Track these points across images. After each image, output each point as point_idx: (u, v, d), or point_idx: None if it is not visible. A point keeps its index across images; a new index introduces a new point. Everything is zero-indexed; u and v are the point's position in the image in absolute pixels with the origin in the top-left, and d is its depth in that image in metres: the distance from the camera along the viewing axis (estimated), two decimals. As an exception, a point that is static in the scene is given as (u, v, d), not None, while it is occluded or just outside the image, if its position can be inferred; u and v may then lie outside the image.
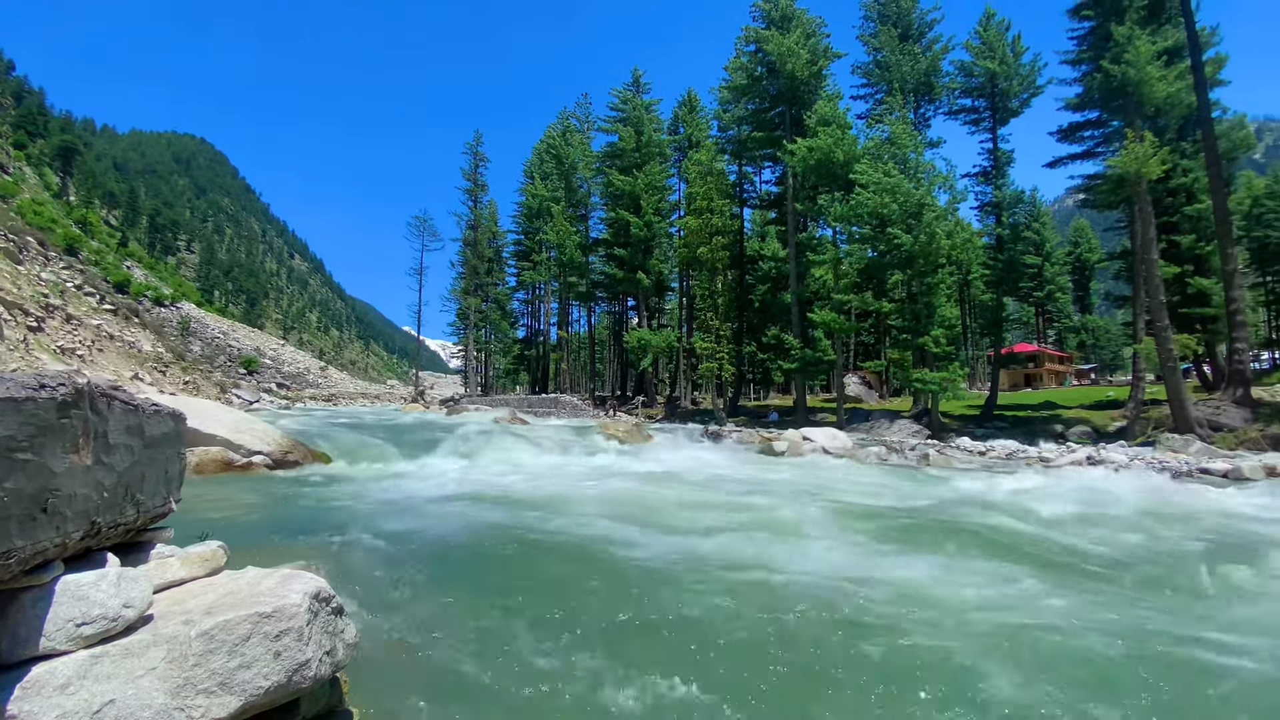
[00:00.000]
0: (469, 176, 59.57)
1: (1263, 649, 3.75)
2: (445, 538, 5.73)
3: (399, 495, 8.13)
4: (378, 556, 4.83)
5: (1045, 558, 5.93)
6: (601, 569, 4.89)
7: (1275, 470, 13.85)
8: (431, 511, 6.98)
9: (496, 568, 4.87)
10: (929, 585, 4.82)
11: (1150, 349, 22.76)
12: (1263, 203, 42.67)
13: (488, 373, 63.97)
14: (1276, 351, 49.13)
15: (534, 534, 5.93)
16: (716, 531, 6.50)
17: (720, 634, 3.73)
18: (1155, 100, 22.17)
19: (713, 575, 4.85)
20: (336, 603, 2.32)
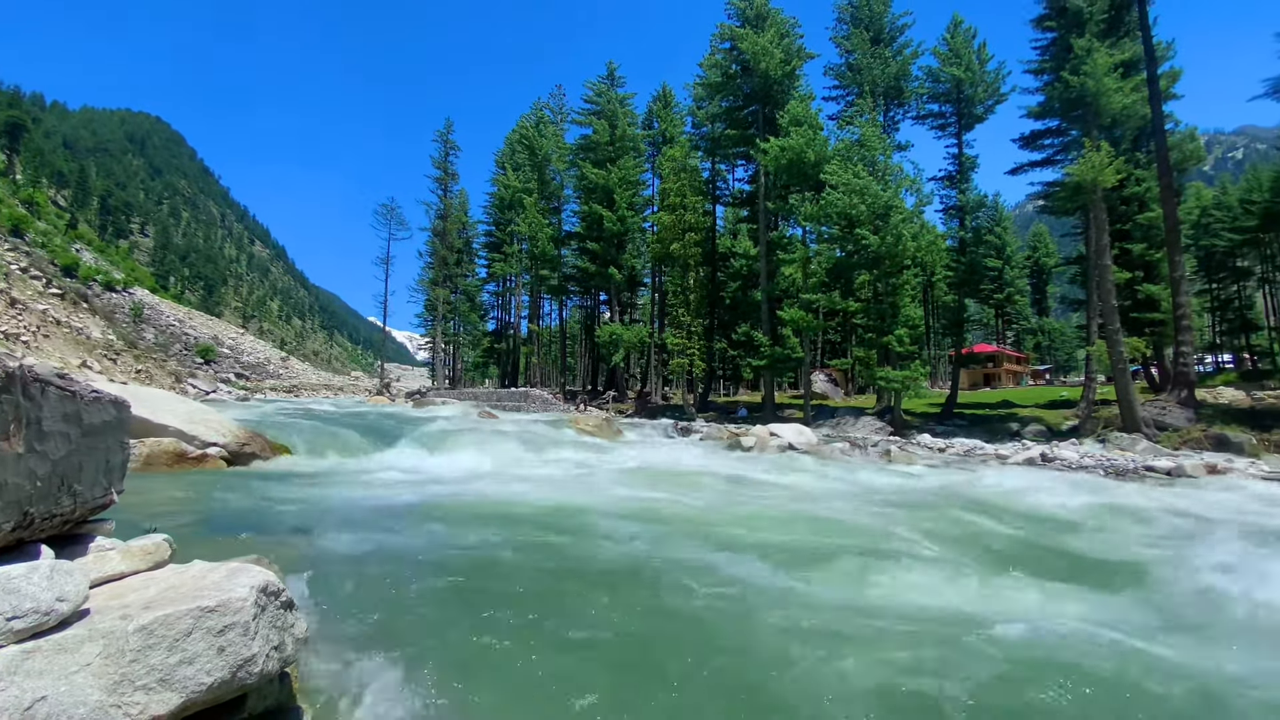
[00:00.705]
0: (439, 165, 58.49)
1: (1185, 642, 3.96)
2: (405, 533, 5.64)
3: (359, 489, 7.98)
4: (335, 551, 4.73)
5: (983, 547, 6.17)
6: (562, 565, 4.88)
7: (1215, 469, 14.58)
8: (392, 506, 6.86)
9: (455, 563, 4.81)
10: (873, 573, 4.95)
11: (1102, 351, 23.66)
12: (1210, 213, 44.74)
13: (456, 366, 63.09)
14: (1219, 355, 51.66)
15: (494, 530, 5.87)
16: (659, 520, 6.56)
17: (664, 620, 3.76)
18: (1112, 111, 22.97)
19: (652, 564, 4.90)
20: (286, 597, 2.26)
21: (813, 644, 3.59)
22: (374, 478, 9.12)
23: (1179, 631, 4.12)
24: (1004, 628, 3.89)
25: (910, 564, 5.35)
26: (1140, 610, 4.56)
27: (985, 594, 4.74)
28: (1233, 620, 4.42)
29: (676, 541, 5.78)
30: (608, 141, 41.11)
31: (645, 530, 6.17)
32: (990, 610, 4.29)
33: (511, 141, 53.58)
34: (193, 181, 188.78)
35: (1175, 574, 5.33)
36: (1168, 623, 4.30)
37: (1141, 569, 5.58)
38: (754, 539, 6.02)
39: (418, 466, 10.63)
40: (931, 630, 3.88)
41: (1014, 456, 16.35)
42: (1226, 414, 20.94)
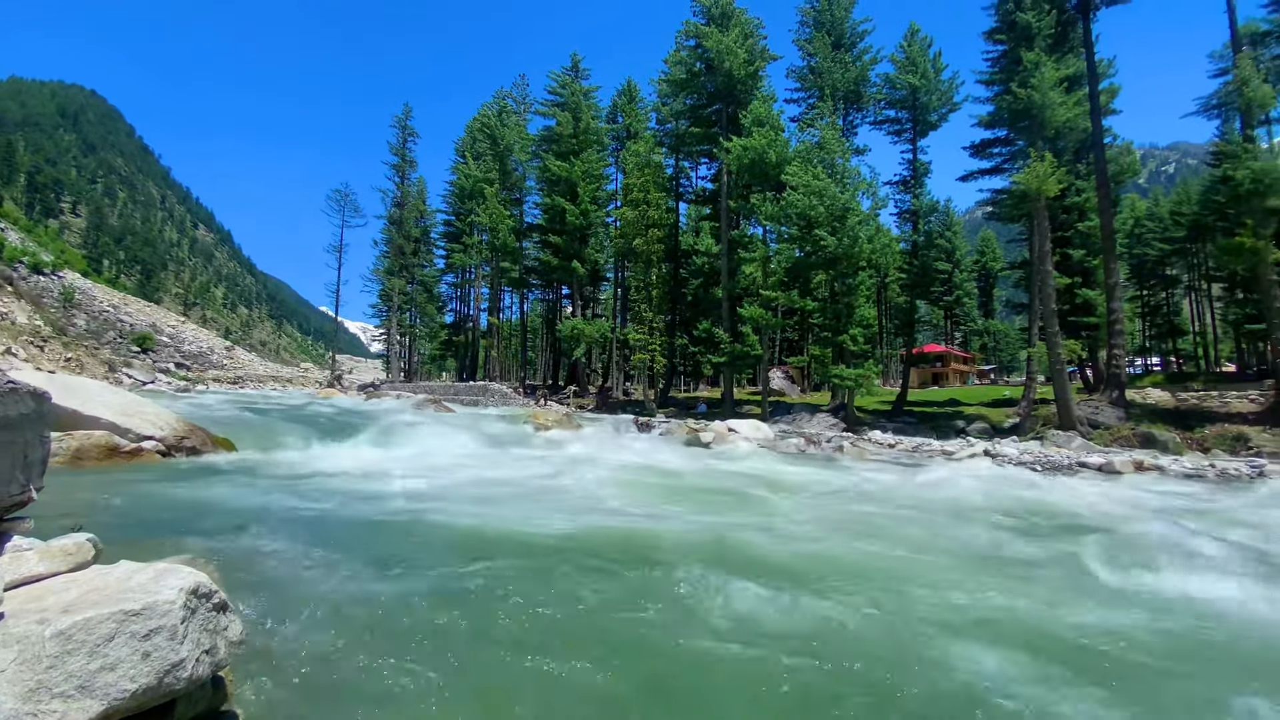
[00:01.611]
0: (396, 151, 56.92)
1: (1113, 620, 4.22)
2: (351, 532, 5.50)
3: (305, 485, 7.74)
4: (275, 550, 4.57)
5: (906, 537, 6.43)
6: (508, 562, 4.83)
7: (1142, 465, 15.49)
8: (338, 503, 6.68)
9: (401, 563, 4.71)
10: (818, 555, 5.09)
11: (1042, 352, 24.80)
12: (1143, 223, 47.34)
13: (412, 358, 61.64)
14: (1148, 358, 54.83)
15: (443, 527, 5.79)
16: (608, 511, 6.60)
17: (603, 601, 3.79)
18: (1056, 123, 24.04)
19: (582, 552, 4.93)
20: (219, 598, 2.17)
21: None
22: (321, 473, 8.85)
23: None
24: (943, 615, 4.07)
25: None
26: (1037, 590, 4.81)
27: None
28: (1125, 596, 4.75)
29: (609, 531, 5.81)
30: (571, 134, 40.75)
31: (581, 524, 6.18)
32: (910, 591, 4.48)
33: (472, 130, 52.53)
34: (130, 160, 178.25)
35: (1079, 561, 5.68)
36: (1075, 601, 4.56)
37: (1038, 558, 5.91)
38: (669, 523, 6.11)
39: (368, 461, 10.37)
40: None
41: (959, 453, 17.02)
42: (1154, 414, 22.28)
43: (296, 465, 9.66)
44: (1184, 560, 5.62)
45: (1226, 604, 4.71)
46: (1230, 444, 19.07)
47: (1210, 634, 4.16)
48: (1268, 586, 5.06)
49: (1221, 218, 32.33)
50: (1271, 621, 4.40)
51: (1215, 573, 5.34)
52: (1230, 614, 4.53)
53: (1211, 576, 5.25)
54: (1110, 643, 3.90)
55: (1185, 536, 6.46)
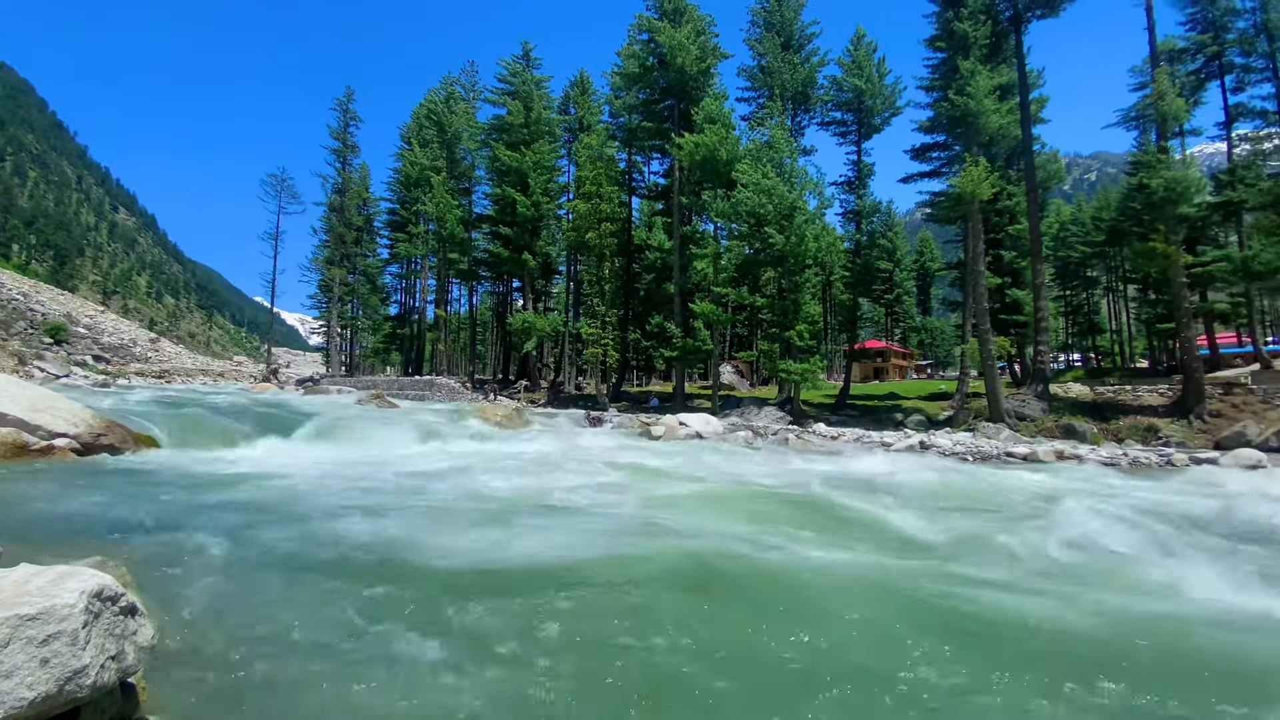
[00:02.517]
0: (337, 136, 54.60)
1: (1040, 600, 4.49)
2: (277, 532, 5.27)
3: (231, 484, 7.37)
4: (194, 552, 4.34)
5: (834, 517, 6.69)
6: (427, 570, 4.71)
7: (1063, 454, 16.52)
8: (265, 503, 6.39)
9: (326, 566, 4.54)
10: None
11: (974, 349, 26.07)
12: (1068, 227, 50.32)
13: (354, 351, 59.46)
14: (1070, 354, 58.46)
15: (374, 528, 5.61)
16: (530, 514, 6.59)
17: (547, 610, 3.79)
18: (989, 130, 25.23)
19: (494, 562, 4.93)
20: (127, 601, 2.05)
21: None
22: (248, 471, 8.45)
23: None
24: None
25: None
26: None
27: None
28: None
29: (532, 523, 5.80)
30: (522, 124, 40.10)
31: (522, 519, 6.13)
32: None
33: (419, 116, 50.96)
34: (42, 137, 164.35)
35: (990, 538, 6.05)
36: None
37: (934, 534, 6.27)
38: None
39: (302, 458, 9.95)
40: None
41: (897, 444, 17.72)
42: (1074, 406, 23.77)
43: (223, 463, 9.17)
44: (1088, 540, 6.05)
45: (1128, 579, 5.09)
46: (1142, 434, 20.56)
47: (1108, 603, 4.47)
48: (1165, 563, 5.50)
49: (1137, 223, 34.74)
50: (1163, 588, 4.79)
51: (1121, 551, 5.76)
52: (1131, 585, 4.90)
53: (1116, 555, 5.66)
54: (1005, 610, 4.15)
55: (1093, 519, 6.94)
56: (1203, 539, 6.35)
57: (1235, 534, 6.86)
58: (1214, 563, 5.55)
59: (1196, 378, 21.59)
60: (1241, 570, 5.34)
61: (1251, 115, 28.27)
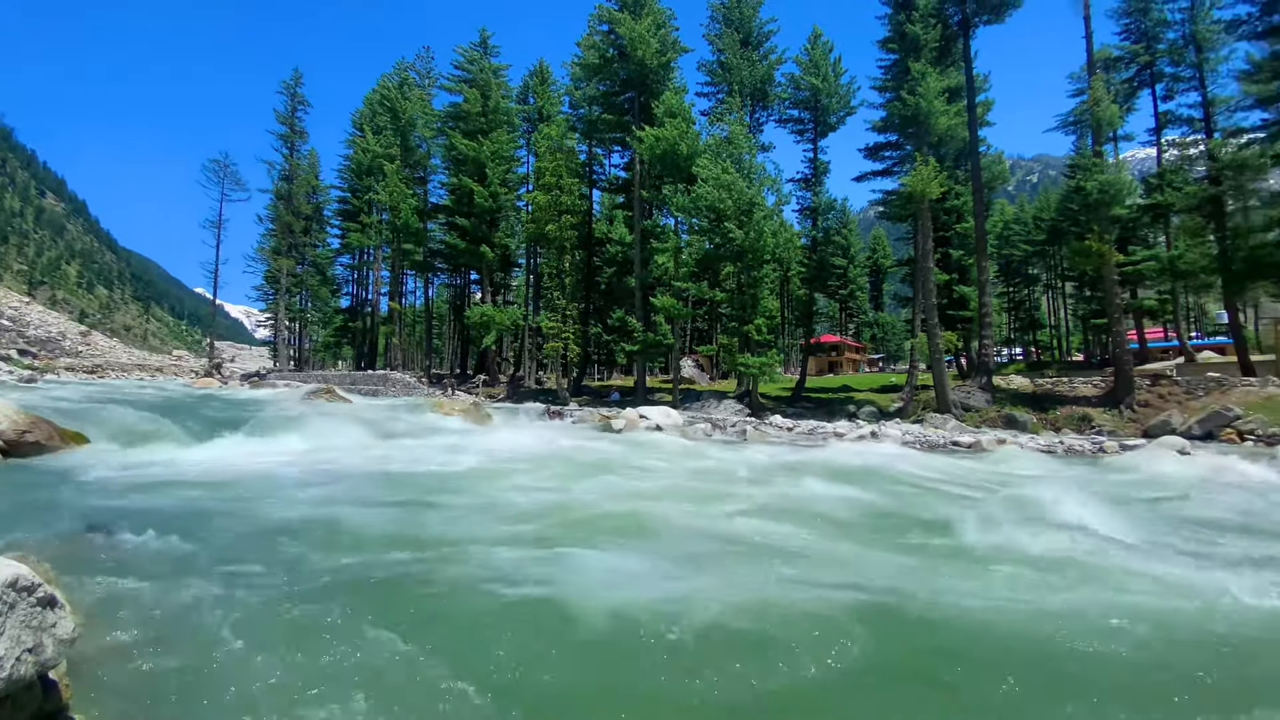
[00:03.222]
0: (285, 120, 52.42)
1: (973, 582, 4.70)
2: (213, 528, 5.10)
3: (164, 482, 7.05)
4: (123, 550, 4.17)
5: (780, 507, 6.88)
6: (378, 556, 4.65)
7: (1004, 442, 17.27)
8: (199, 501, 6.15)
9: (259, 562, 4.42)
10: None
11: (923, 343, 26.97)
12: (1011, 227, 52.48)
13: (303, 345, 57.38)
14: (1012, 348, 61.12)
15: (315, 524, 5.47)
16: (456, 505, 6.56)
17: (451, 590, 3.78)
18: (939, 131, 26.05)
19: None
20: (45, 593, 1.93)
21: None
22: (185, 469, 8.09)
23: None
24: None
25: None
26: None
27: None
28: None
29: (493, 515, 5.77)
30: (480, 112, 39.32)
31: (482, 517, 6.08)
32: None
33: (372, 102, 49.37)
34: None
35: (921, 518, 6.32)
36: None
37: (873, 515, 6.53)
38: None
39: (244, 454, 9.57)
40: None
41: (849, 434, 18.23)
42: (1016, 398, 24.87)
43: (157, 460, 8.74)
44: (1024, 519, 6.38)
45: (1061, 555, 5.39)
46: (1077, 424, 21.68)
47: (1042, 576, 4.73)
48: (1094, 542, 5.85)
49: (1075, 224, 36.56)
50: (1090, 563, 5.10)
51: (1052, 531, 6.09)
52: (1064, 560, 5.19)
53: (1048, 535, 5.98)
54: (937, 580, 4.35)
55: (1031, 501, 7.30)
56: (1122, 518, 6.77)
57: (1154, 513, 7.34)
58: (1130, 537, 5.97)
59: (1126, 370, 22.86)
60: (1159, 543, 5.75)
61: (1179, 122, 30.00)
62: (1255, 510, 7.45)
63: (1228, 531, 6.49)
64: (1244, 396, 20.04)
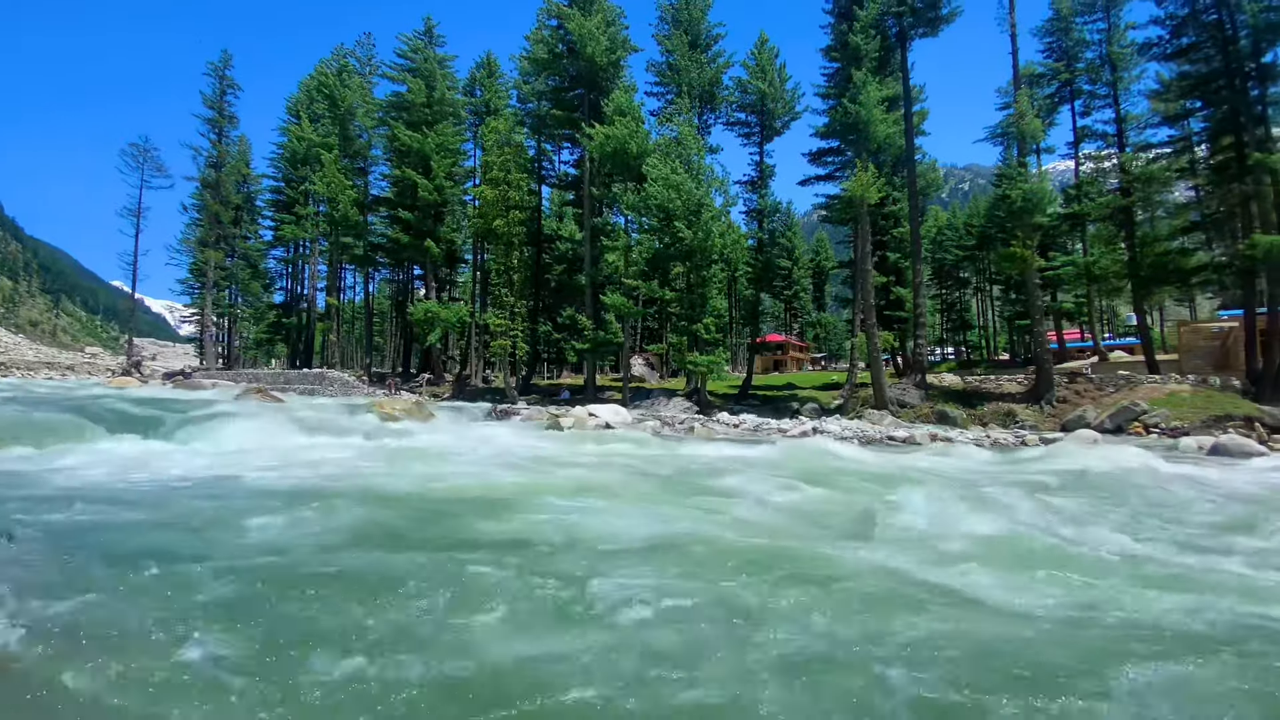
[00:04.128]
0: (212, 104, 49.58)
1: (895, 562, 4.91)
2: (113, 535, 4.78)
3: (59, 487, 6.56)
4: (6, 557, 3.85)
5: (695, 495, 7.04)
6: (256, 568, 4.48)
7: (936, 437, 18.12)
8: (106, 504, 5.78)
9: (158, 565, 4.20)
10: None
11: (862, 342, 27.97)
12: (944, 232, 55.05)
13: (232, 343, 54.37)
14: (945, 348, 64.19)
15: (222, 527, 5.21)
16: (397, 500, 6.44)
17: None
18: (878, 139, 27.01)
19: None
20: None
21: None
22: (86, 473, 7.53)
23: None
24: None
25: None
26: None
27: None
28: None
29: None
30: (424, 103, 38.25)
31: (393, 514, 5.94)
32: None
33: (308, 88, 47.25)
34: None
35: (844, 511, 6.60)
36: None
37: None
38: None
39: (152, 457, 8.97)
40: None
41: (792, 430, 18.74)
42: (947, 395, 26.10)
43: (64, 465, 8.10)
44: (940, 507, 6.74)
45: (985, 537, 5.71)
46: (1003, 419, 22.94)
47: (967, 558, 4.99)
48: (1014, 524, 6.23)
49: (1001, 230, 38.66)
50: (1009, 548, 5.43)
51: (969, 518, 6.45)
52: (985, 541, 5.50)
53: (966, 521, 6.33)
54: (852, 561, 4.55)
55: (950, 491, 7.70)
56: (1034, 504, 7.25)
57: (1065, 497, 7.87)
58: (1038, 520, 6.41)
59: (1047, 369, 24.36)
60: (1065, 526, 6.20)
61: (1095, 137, 32.11)
62: (1152, 497, 8.09)
63: (1128, 514, 7.03)
64: (1150, 393, 21.71)
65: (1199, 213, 27.61)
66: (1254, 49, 21.85)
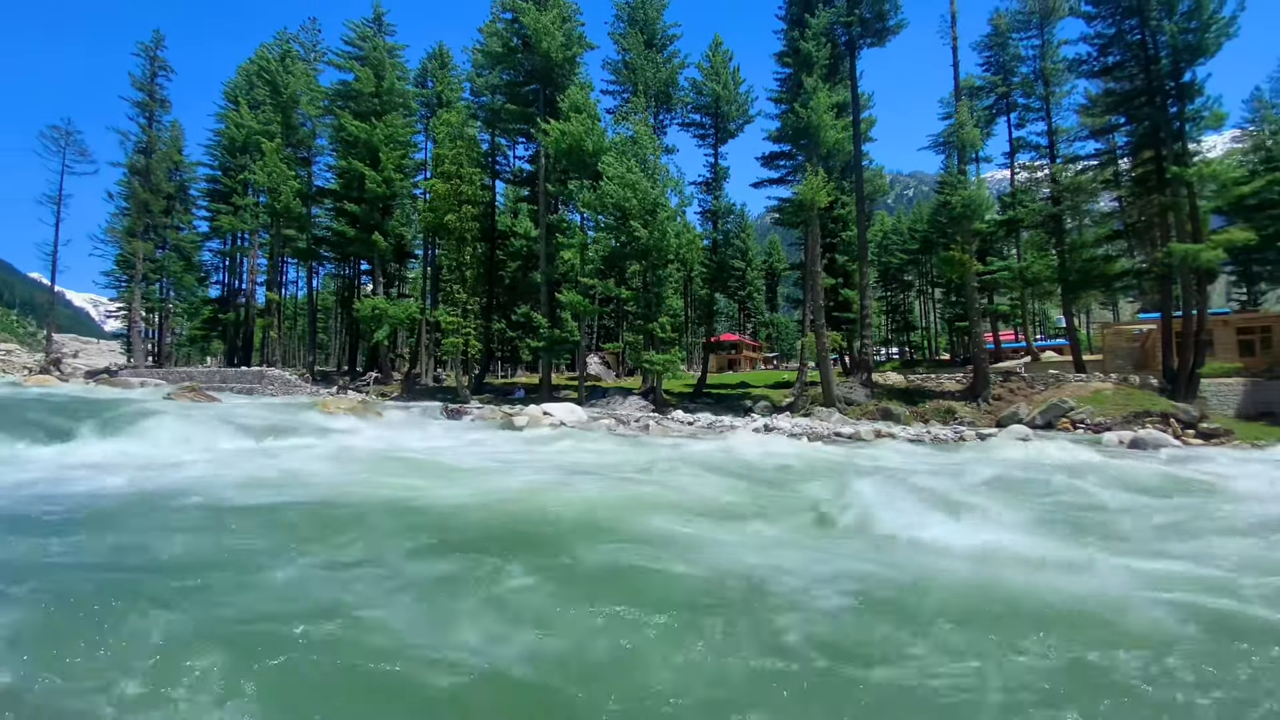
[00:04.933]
0: (143, 86, 46.72)
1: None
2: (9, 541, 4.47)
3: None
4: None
5: (655, 491, 7.13)
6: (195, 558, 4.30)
7: (880, 433, 18.73)
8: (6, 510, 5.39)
9: (45, 578, 3.97)
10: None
11: (812, 342, 28.65)
12: (889, 236, 56.95)
13: (163, 339, 51.39)
14: (889, 348, 66.44)
15: (107, 536, 4.95)
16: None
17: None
18: (828, 144, 27.71)
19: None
20: None
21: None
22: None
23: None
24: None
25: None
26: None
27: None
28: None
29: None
30: (373, 92, 37.08)
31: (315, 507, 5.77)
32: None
33: (248, 73, 45.12)
34: None
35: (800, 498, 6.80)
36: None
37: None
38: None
39: (73, 461, 8.40)
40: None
41: (745, 427, 19.06)
42: (891, 393, 27.03)
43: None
44: (884, 499, 7.00)
45: (922, 528, 5.94)
46: (943, 416, 23.91)
47: (904, 548, 5.19)
48: (947, 516, 6.51)
49: (943, 235, 40.30)
50: (939, 542, 5.68)
51: (908, 508, 6.71)
52: (919, 533, 5.74)
53: (902, 511, 6.59)
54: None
55: (891, 483, 7.99)
56: (970, 493, 7.60)
57: (1000, 488, 8.28)
58: (973, 509, 6.73)
59: (983, 368, 25.53)
60: (995, 517, 6.53)
61: (1029, 148, 33.81)
62: (1070, 487, 8.60)
63: (1052, 502, 7.45)
64: (1076, 390, 23.03)
65: (1122, 222, 29.43)
66: (1174, 68, 23.36)
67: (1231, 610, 4.17)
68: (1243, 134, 39.54)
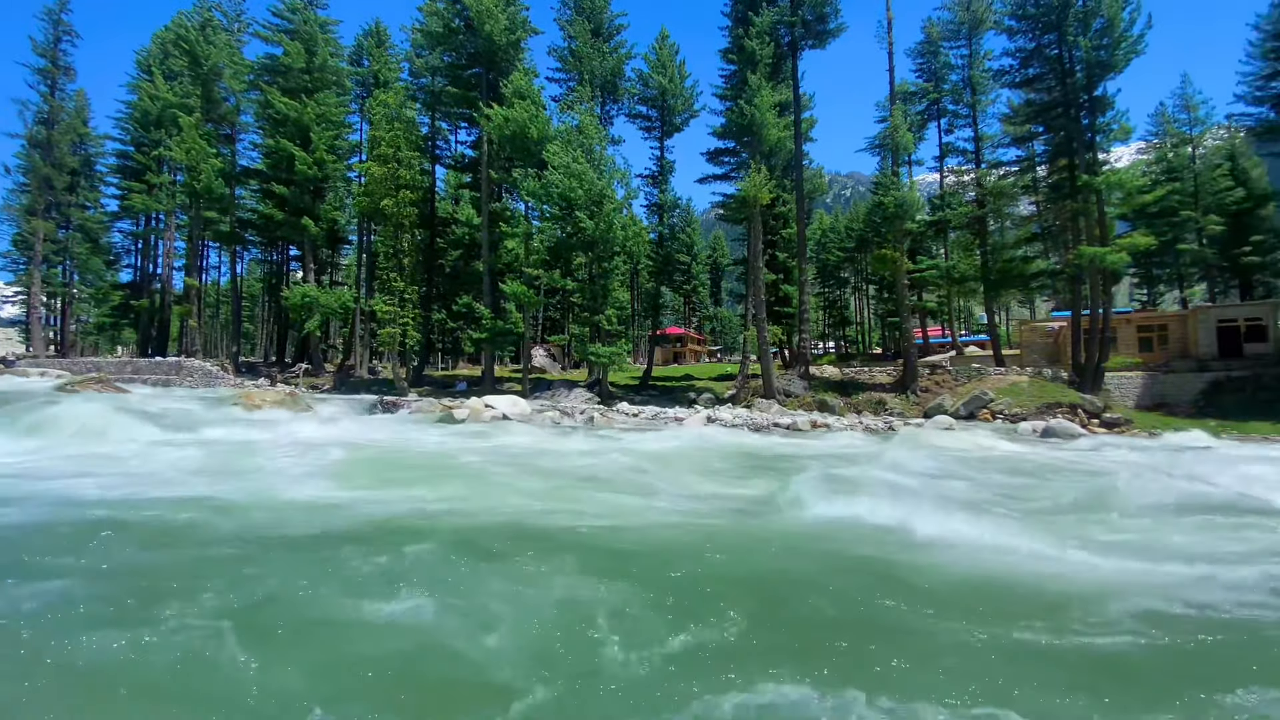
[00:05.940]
0: (45, 52, 42.73)
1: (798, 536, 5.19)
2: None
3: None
4: None
5: (588, 476, 7.19)
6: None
7: (816, 424, 19.34)
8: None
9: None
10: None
11: (754, 336, 29.27)
12: (827, 234, 58.67)
13: (66, 326, 47.43)
14: (826, 342, 68.64)
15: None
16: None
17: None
18: (770, 142, 28.25)
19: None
20: None
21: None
22: None
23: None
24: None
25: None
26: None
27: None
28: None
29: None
30: (303, 68, 35.21)
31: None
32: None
33: (164, 41, 41.98)
34: None
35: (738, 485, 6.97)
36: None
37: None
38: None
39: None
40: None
41: (689, 418, 19.29)
42: (828, 385, 27.94)
43: None
44: (813, 484, 7.25)
45: (859, 514, 6.18)
46: (875, 407, 24.92)
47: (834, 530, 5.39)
48: (882, 501, 6.80)
49: (877, 234, 41.84)
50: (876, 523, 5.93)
51: (842, 495, 6.97)
52: (853, 518, 5.97)
53: (835, 498, 6.84)
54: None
55: (820, 470, 8.28)
56: (895, 475, 7.98)
57: (920, 472, 8.72)
58: (897, 490, 7.06)
59: (912, 362, 26.75)
60: (909, 498, 6.89)
61: (957, 153, 35.54)
62: (990, 470, 9.15)
63: (969, 484, 7.90)
64: (996, 383, 24.44)
65: (1039, 225, 31.37)
66: (1087, 82, 25.02)
67: (1135, 574, 4.71)
68: (1147, 146, 42.84)
